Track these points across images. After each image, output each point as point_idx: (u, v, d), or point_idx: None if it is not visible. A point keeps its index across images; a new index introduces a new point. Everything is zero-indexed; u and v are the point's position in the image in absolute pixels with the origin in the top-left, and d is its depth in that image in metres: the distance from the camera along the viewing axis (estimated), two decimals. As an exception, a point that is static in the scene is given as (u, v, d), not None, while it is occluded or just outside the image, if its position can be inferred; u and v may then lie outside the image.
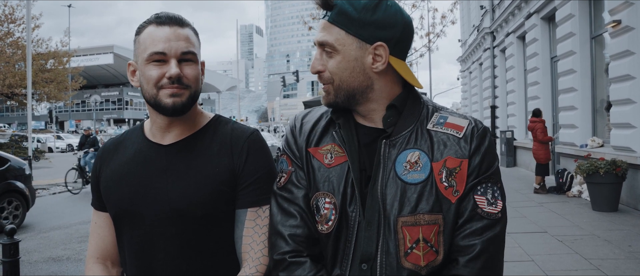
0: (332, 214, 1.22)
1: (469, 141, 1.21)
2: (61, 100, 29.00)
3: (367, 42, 1.19)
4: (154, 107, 1.31)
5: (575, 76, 9.82)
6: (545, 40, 12.28)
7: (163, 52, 1.26)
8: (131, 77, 1.36)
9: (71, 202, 11.31)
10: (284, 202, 1.29)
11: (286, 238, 1.25)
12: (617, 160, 7.17)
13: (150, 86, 1.27)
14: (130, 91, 73.50)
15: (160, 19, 1.29)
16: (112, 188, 1.36)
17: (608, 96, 8.66)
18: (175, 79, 1.26)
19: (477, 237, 1.17)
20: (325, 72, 1.24)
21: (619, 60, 7.74)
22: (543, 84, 12.32)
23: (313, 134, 1.31)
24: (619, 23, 7.59)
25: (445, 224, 1.17)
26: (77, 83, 29.85)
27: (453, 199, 1.17)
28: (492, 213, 1.18)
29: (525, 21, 13.17)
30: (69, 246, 6.82)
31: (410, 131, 1.22)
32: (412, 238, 1.16)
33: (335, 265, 1.23)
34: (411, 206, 1.16)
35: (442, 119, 1.25)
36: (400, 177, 1.18)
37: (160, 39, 1.26)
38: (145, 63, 1.27)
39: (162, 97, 1.27)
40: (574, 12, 9.71)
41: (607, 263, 4.90)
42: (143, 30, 1.30)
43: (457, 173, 1.18)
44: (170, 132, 1.36)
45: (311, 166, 1.28)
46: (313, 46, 1.31)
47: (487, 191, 1.20)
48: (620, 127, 7.80)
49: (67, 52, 28.20)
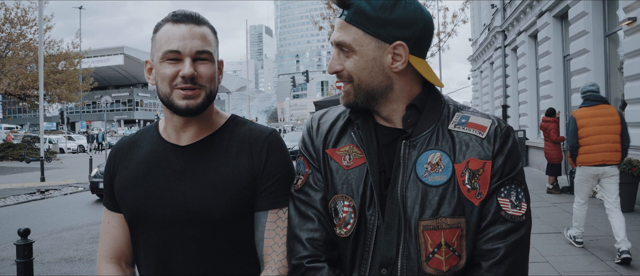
0: (351, 217, 1.19)
1: (493, 141, 1.17)
2: (72, 101, 29.26)
3: (386, 41, 1.15)
4: (167, 106, 1.29)
5: (589, 75, 9.69)
6: (557, 38, 12.14)
7: (177, 51, 1.24)
8: (147, 75, 1.35)
9: (83, 203, 11.39)
10: (302, 205, 1.26)
11: (304, 242, 1.22)
12: (633, 160, 7.05)
13: (164, 84, 1.26)
14: (140, 91, 74.04)
15: (177, 17, 1.28)
16: (128, 189, 1.34)
17: (623, 94, 8.52)
18: (188, 79, 1.24)
19: (500, 241, 1.13)
20: (344, 71, 1.20)
21: (634, 58, 7.62)
22: (555, 83, 12.19)
23: (330, 135, 1.28)
24: (634, 21, 7.47)
25: (468, 228, 1.13)
26: (88, 84, 30.13)
27: (476, 202, 1.13)
28: (516, 216, 1.14)
29: (537, 19, 13.03)
30: (81, 247, 6.86)
31: (431, 131, 1.18)
32: (433, 243, 1.12)
33: (354, 269, 1.19)
34: (433, 210, 1.12)
35: (464, 118, 1.21)
36: (421, 179, 1.14)
37: (176, 37, 1.25)
38: (160, 61, 1.26)
39: (175, 98, 1.26)
40: (587, 10, 9.58)
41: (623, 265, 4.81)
42: (160, 29, 1.28)
43: (481, 174, 1.14)
44: (186, 132, 1.33)
45: (329, 168, 1.24)
46: (322, 46, 1.28)
47: (511, 193, 1.15)
48: (636, 126, 7.68)
49: (78, 54, 28.42)
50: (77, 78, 28.56)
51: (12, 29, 24.07)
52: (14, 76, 23.65)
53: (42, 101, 17.46)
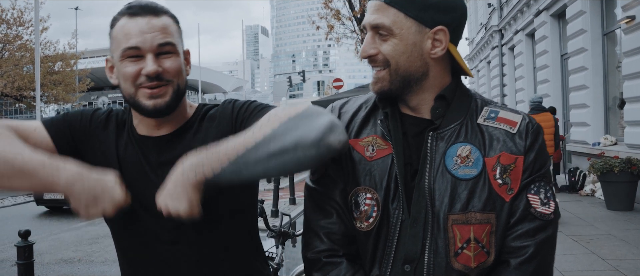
0: (374, 210, 1.14)
1: (524, 137, 1.14)
2: (69, 102, 29.15)
3: (427, 26, 1.11)
4: (134, 107, 1.20)
5: (587, 74, 9.71)
6: (555, 37, 12.16)
7: (137, 47, 1.14)
8: (109, 74, 1.25)
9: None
10: (320, 197, 1.21)
11: (321, 236, 1.18)
12: (632, 158, 7.07)
13: (127, 84, 1.16)
14: (137, 92, 73.75)
15: (133, 10, 1.17)
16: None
17: (621, 93, 8.55)
18: (153, 76, 1.14)
19: (530, 239, 1.11)
20: (379, 55, 1.14)
21: (633, 57, 7.64)
22: (553, 82, 12.21)
23: (352, 125, 1.23)
24: (633, 19, 7.48)
25: (498, 225, 1.11)
26: (85, 85, 30.00)
27: (507, 197, 1.11)
28: (546, 214, 1.12)
29: (534, 18, 13.05)
30: (80, 247, 6.83)
31: (459, 123, 1.15)
32: (462, 238, 1.09)
33: (374, 265, 1.16)
34: (462, 203, 1.09)
35: (493, 113, 1.18)
36: (451, 171, 1.11)
37: (134, 33, 1.14)
38: (120, 60, 1.16)
39: (141, 97, 1.16)
40: (585, 8, 9.60)
41: (625, 263, 4.82)
42: (116, 23, 1.18)
43: (512, 169, 1.11)
44: (161, 128, 1.25)
45: (350, 159, 1.19)
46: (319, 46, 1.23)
47: (540, 190, 1.13)
48: (635, 124, 7.70)
49: (74, 55, 28.35)
50: (73, 79, 28.46)
51: (8, 30, 23.99)
52: (10, 76, 23.55)
53: (39, 102, 17.35)
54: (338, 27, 17.71)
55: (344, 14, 17.58)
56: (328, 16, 17.41)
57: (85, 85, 30.11)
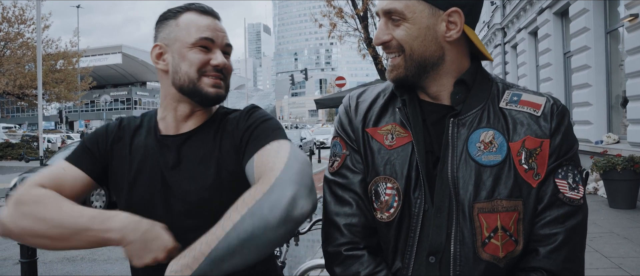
0: (395, 200, 1.11)
1: (549, 119, 1.09)
2: (71, 100, 29.22)
3: (440, 8, 1.07)
4: (189, 93, 1.25)
5: (590, 72, 9.68)
6: (558, 35, 12.13)
7: (212, 39, 1.26)
8: (156, 60, 1.30)
9: (83, 202, 11.36)
10: (338, 189, 1.18)
11: (341, 228, 1.14)
12: (635, 156, 7.05)
13: (193, 69, 1.24)
14: (139, 90, 73.94)
15: (203, 8, 1.29)
16: (127, 191, 1.28)
17: (624, 91, 8.52)
18: (220, 68, 1.26)
19: (559, 225, 1.06)
20: (393, 40, 1.11)
21: (636, 55, 7.62)
22: (556, 80, 12.18)
23: (371, 113, 1.20)
24: (636, 17, 7.46)
25: (525, 212, 1.06)
26: (87, 83, 30.06)
27: (534, 183, 1.06)
28: (575, 199, 1.07)
29: (537, 17, 13.02)
30: (83, 246, 6.84)
31: (481, 108, 1.11)
32: (489, 227, 1.04)
33: (397, 257, 1.12)
34: (487, 191, 1.05)
35: (516, 96, 1.13)
36: (474, 158, 1.07)
37: (208, 27, 1.26)
38: (189, 47, 1.24)
39: (204, 85, 1.25)
40: (588, 7, 9.57)
41: (628, 261, 4.81)
42: (180, 15, 1.28)
43: (538, 154, 1.07)
44: (187, 123, 1.31)
45: (369, 148, 1.16)
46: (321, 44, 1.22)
47: (568, 174, 1.08)
48: (638, 123, 7.69)
49: (76, 53, 28.39)
50: (75, 77, 28.52)
51: (10, 28, 24.02)
52: (12, 75, 23.61)
53: (41, 100, 17.39)
54: (341, 25, 17.68)
55: (346, 12, 17.56)
56: (331, 14, 17.38)
57: (87, 83, 30.17)
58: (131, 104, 72.31)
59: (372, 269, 1.11)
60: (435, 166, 1.11)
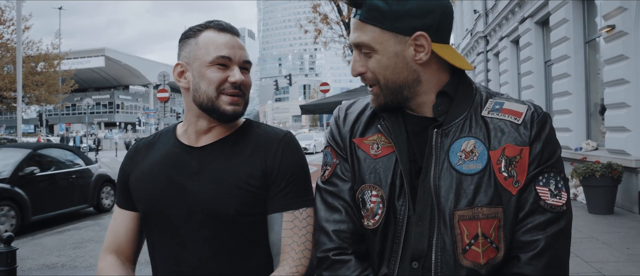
0: (379, 208, 1.14)
1: (529, 127, 1.11)
2: (52, 103, 28.72)
3: (405, 34, 1.10)
4: (208, 110, 1.30)
5: (570, 80, 9.88)
6: (539, 44, 12.35)
7: (229, 58, 1.29)
8: (178, 78, 1.36)
9: (64, 207, 11.15)
10: (329, 196, 1.22)
11: (330, 234, 1.18)
12: (613, 163, 7.21)
13: (211, 88, 1.28)
14: (121, 94, 73.06)
15: (221, 26, 1.32)
16: (142, 187, 1.36)
17: (602, 99, 8.71)
18: (238, 85, 1.29)
19: (540, 232, 1.07)
20: (368, 73, 1.16)
21: (613, 64, 7.80)
22: (537, 88, 12.39)
23: (358, 124, 1.24)
24: (613, 28, 7.64)
25: (506, 218, 1.08)
26: (69, 86, 29.58)
27: (513, 190, 1.08)
28: (557, 206, 1.09)
29: (519, 25, 13.24)
30: (64, 252, 6.72)
31: (463, 118, 1.13)
32: (470, 234, 1.07)
33: (383, 262, 1.15)
34: (468, 199, 1.07)
35: (498, 105, 1.16)
36: (455, 167, 1.09)
37: (225, 45, 1.29)
38: (207, 65, 1.28)
39: (222, 103, 1.28)
40: (568, 16, 9.77)
41: (607, 266, 4.91)
42: (200, 34, 1.31)
43: (518, 161, 1.09)
44: (207, 135, 1.35)
45: (356, 157, 1.21)
46: (305, 50, 1.27)
47: (550, 181, 1.10)
48: (615, 130, 7.86)
49: (58, 55, 27.92)
50: (56, 80, 28.04)
51: (-11, 29, 23.53)
52: (-10, 77, 23.11)
53: (20, 103, 17.07)
54: (326, 32, 17.77)
55: (332, 18, 17.65)
56: (316, 20, 17.46)
57: (69, 86, 29.69)
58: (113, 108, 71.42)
59: (358, 273, 1.15)
60: (418, 175, 1.13)
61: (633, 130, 7.38)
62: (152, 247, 1.38)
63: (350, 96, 13.43)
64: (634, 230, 6.32)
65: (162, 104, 22.16)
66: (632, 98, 7.41)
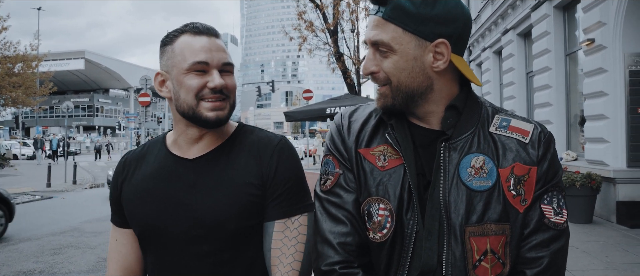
0: (388, 221, 1.12)
1: (537, 146, 1.13)
2: (29, 105, 28.11)
3: (427, 39, 1.08)
4: (191, 119, 1.24)
5: (551, 91, 10.07)
6: (521, 55, 12.57)
7: (206, 62, 1.21)
8: (159, 87, 1.30)
9: (41, 212, 10.91)
10: (332, 207, 1.18)
11: (335, 246, 1.14)
12: (592, 173, 7.36)
13: (190, 96, 1.22)
14: (101, 97, 71.94)
15: (197, 29, 1.25)
16: (137, 204, 1.29)
17: (582, 111, 8.90)
18: (218, 90, 1.22)
19: (544, 249, 1.10)
20: (380, 73, 1.13)
21: (593, 77, 7.98)
22: (519, 99, 12.59)
23: (363, 133, 1.21)
24: (593, 42, 7.83)
25: (512, 235, 1.10)
26: (47, 89, 28.99)
27: (521, 208, 1.10)
28: (559, 223, 1.12)
29: (501, 37, 13.47)
30: (41, 259, 6.56)
31: (471, 133, 1.13)
32: (480, 250, 1.08)
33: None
34: (478, 215, 1.08)
35: (505, 121, 1.17)
36: (466, 183, 1.09)
37: (202, 49, 1.22)
38: (184, 73, 1.22)
39: (203, 109, 1.22)
40: (549, 29, 9.98)
41: (587, 274, 4.99)
42: (176, 39, 1.25)
43: (526, 180, 1.10)
44: (198, 144, 1.30)
45: (362, 169, 1.18)
46: (288, 57, 1.25)
47: (553, 199, 1.12)
48: (594, 141, 8.03)
49: (36, 56, 27.39)
50: (34, 82, 27.49)
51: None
52: (-34, 78, 22.55)
53: (-3, 105, 16.69)
54: (311, 39, 17.80)
55: (317, 26, 17.70)
56: (301, 28, 17.48)
57: (48, 89, 29.10)
58: (93, 111, 70.25)
59: None
60: (426, 188, 1.12)
61: (611, 141, 7.56)
62: (150, 266, 1.32)
63: (334, 103, 13.45)
64: (612, 239, 6.45)
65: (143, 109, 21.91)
66: (611, 110, 7.59)
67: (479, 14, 15.97)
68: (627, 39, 7.40)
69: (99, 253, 6.84)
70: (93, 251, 6.92)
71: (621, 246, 6.09)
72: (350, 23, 18.20)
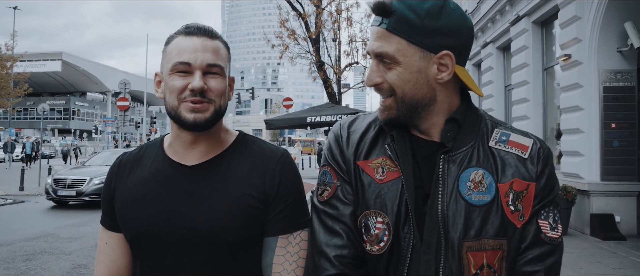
0: (385, 234, 1.12)
1: (536, 162, 1.13)
2: (2, 107, 27.40)
3: (432, 51, 1.09)
4: (174, 120, 1.24)
5: (529, 105, 10.28)
6: (500, 69, 12.81)
7: (188, 63, 1.20)
8: (156, 87, 1.30)
9: (12, 217, 10.61)
10: (328, 219, 1.18)
11: (332, 259, 1.14)
12: (567, 186, 7.52)
13: (172, 97, 1.21)
14: (77, 100, 70.59)
15: (189, 30, 1.24)
16: (131, 208, 1.26)
17: (558, 124, 9.10)
18: (198, 92, 1.19)
19: (540, 263, 1.11)
20: (384, 84, 1.13)
21: (569, 92, 8.19)
22: (497, 111, 12.80)
23: (362, 145, 1.20)
24: (569, 57, 8.05)
25: (509, 250, 1.10)
26: (22, 90, 28.29)
27: (518, 224, 1.10)
28: (554, 238, 1.13)
29: (481, 50, 13.72)
30: (13, 265, 6.37)
31: (471, 146, 1.14)
32: (476, 264, 1.08)
33: None
34: (476, 230, 1.08)
35: (505, 136, 1.17)
36: (465, 197, 1.09)
37: (187, 50, 1.21)
38: (169, 73, 1.22)
39: (183, 110, 1.20)
40: (528, 44, 10.21)
41: (564, 285, 5.09)
42: (172, 41, 1.25)
43: (525, 196, 1.11)
44: (194, 149, 1.27)
45: (360, 181, 1.17)
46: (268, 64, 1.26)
47: (550, 214, 1.13)
48: (570, 155, 8.22)
49: (11, 57, 26.77)
50: (8, 82, 26.83)
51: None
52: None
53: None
54: (293, 47, 17.84)
55: (299, 34, 17.75)
56: (284, 36, 17.52)
57: (22, 90, 28.40)
58: (69, 114, 68.87)
59: None
60: (425, 201, 1.12)
61: (586, 155, 7.75)
62: (140, 270, 1.29)
63: (314, 112, 13.46)
64: (586, 251, 6.59)
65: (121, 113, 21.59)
66: (586, 124, 7.79)
67: (459, 27, 16.22)
68: (601, 55, 7.63)
69: (74, 259, 6.68)
70: (68, 257, 6.76)
71: (595, 257, 6.23)
72: (332, 32, 18.32)
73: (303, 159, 31.13)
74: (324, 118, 12.74)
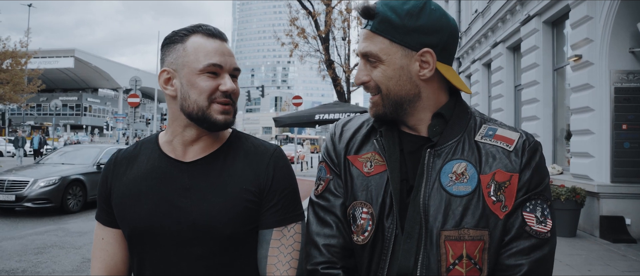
0: (369, 225, 1.18)
1: (520, 154, 1.15)
2: (16, 102, 27.76)
3: (413, 49, 1.15)
4: (198, 120, 1.24)
5: (538, 105, 10.21)
6: (510, 69, 12.74)
7: (220, 65, 1.23)
8: (164, 85, 1.29)
9: (25, 211, 10.75)
10: (321, 211, 1.25)
11: (320, 248, 1.21)
12: (577, 188, 7.47)
13: (202, 97, 1.23)
14: (89, 96, 71.25)
15: (210, 31, 1.27)
16: (129, 204, 1.28)
17: (568, 125, 9.04)
18: (229, 94, 1.25)
19: (524, 257, 1.11)
20: (371, 82, 1.19)
21: (580, 92, 8.12)
22: (507, 111, 12.74)
23: (353, 141, 1.28)
24: (580, 58, 7.98)
25: (491, 241, 1.11)
26: (35, 86, 28.65)
27: (501, 214, 1.11)
28: (541, 232, 1.12)
29: (491, 50, 13.64)
30: (25, 257, 6.47)
31: (456, 141, 1.17)
32: (455, 254, 1.10)
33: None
34: (456, 220, 1.10)
35: (491, 131, 1.20)
36: (445, 188, 1.12)
37: (216, 52, 1.24)
38: (198, 73, 1.23)
39: (214, 112, 1.24)
40: (538, 44, 10.14)
41: (570, 287, 5.06)
42: (187, 39, 1.25)
43: (507, 187, 1.12)
44: (194, 146, 1.30)
45: (350, 174, 1.24)
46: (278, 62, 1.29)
47: (537, 208, 1.13)
48: (579, 156, 8.15)
49: (26, 53, 27.09)
50: (22, 79, 27.16)
51: (-46, 23, 22.68)
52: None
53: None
54: (302, 45, 17.87)
55: (309, 32, 17.78)
56: (293, 34, 17.56)
57: (36, 86, 28.75)
58: (81, 110, 69.55)
59: None
60: (410, 193, 1.16)
61: (596, 156, 7.68)
62: (139, 268, 1.31)
63: (323, 110, 13.49)
64: (595, 253, 6.54)
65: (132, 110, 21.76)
66: (596, 126, 7.72)
67: (470, 26, 16.16)
68: (613, 56, 7.55)
69: (84, 253, 6.77)
70: (78, 252, 6.85)
71: (603, 260, 6.19)
72: (341, 31, 18.33)
73: (312, 157, 31.08)
74: (332, 116, 12.76)
